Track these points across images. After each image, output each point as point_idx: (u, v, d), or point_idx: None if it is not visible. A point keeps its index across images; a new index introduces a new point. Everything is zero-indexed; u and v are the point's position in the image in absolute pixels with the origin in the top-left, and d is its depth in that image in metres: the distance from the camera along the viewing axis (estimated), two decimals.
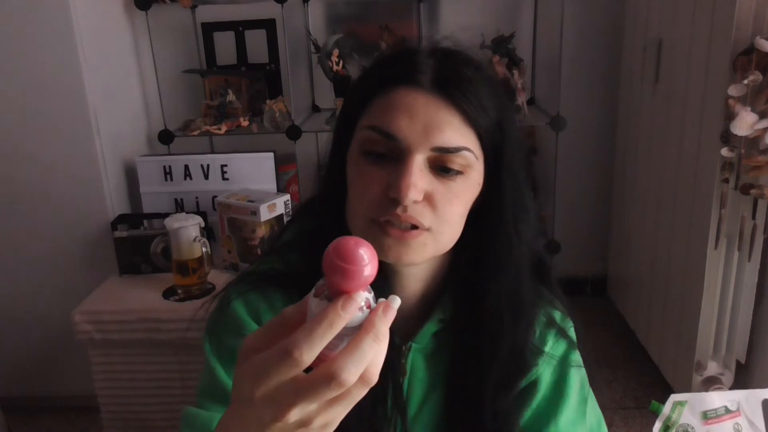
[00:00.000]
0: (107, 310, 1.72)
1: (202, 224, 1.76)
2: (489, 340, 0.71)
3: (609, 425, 0.84)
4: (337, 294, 0.43)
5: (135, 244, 1.90)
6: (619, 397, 2.12)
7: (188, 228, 1.71)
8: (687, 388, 1.86)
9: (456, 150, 0.63)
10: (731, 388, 1.82)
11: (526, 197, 0.71)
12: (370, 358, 0.42)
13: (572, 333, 0.79)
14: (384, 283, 0.71)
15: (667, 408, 0.89)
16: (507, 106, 0.69)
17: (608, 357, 2.31)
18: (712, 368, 1.83)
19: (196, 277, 1.75)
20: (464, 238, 0.69)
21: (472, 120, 0.64)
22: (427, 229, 0.64)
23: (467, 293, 0.72)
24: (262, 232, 1.78)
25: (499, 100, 0.67)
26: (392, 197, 0.62)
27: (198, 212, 1.86)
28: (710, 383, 1.83)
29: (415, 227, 0.64)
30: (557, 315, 0.78)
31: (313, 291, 0.44)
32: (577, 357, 0.78)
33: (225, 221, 1.84)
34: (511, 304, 0.71)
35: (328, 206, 0.71)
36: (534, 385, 0.75)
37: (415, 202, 0.63)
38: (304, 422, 0.42)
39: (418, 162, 0.62)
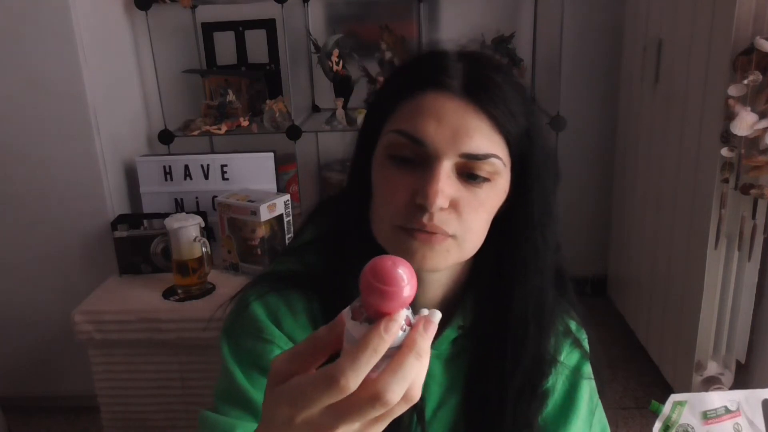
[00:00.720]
0: (107, 310, 1.72)
1: (202, 224, 1.76)
2: (513, 346, 0.70)
3: (609, 425, 0.84)
4: (376, 315, 0.41)
5: (135, 244, 1.90)
6: (619, 397, 2.12)
7: (188, 228, 1.71)
8: (687, 388, 1.86)
9: (485, 157, 0.62)
10: (731, 388, 1.82)
11: (553, 205, 0.71)
12: (413, 376, 0.41)
13: (586, 344, 0.80)
14: None
15: (667, 408, 0.89)
16: (535, 112, 0.68)
17: (608, 357, 2.30)
18: (712, 368, 1.83)
19: (196, 277, 1.75)
20: (486, 243, 0.68)
21: (501, 126, 0.63)
22: (452, 236, 0.64)
23: (489, 299, 0.71)
24: (262, 232, 1.78)
25: (527, 106, 0.66)
26: (419, 203, 0.62)
27: (198, 212, 1.85)
28: (710, 383, 1.83)
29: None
30: (573, 325, 0.78)
31: (349, 312, 0.43)
32: (588, 369, 0.78)
33: (225, 221, 1.84)
34: (536, 310, 0.70)
35: (350, 208, 0.71)
36: (547, 393, 0.74)
37: (441, 209, 0.62)
38: None
39: (446, 168, 0.62)
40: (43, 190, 1.98)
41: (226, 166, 2.07)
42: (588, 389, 0.78)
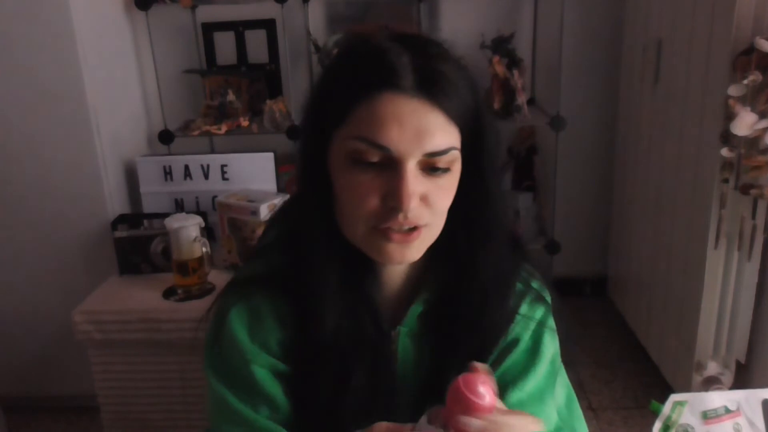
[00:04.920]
0: (107, 310, 1.72)
1: (202, 224, 1.76)
2: (473, 312, 0.73)
3: (609, 425, 0.84)
4: (450, 423, 0.50)
5: (135, 244, 1.90)
6: (619, 397, 2.12)
7: (188, 228, 1.71)
8: (687, 388, 1.86)
9: (446, 152, 0.65)
10: (731, 388, 1.82)
11: (502, 177, 0.75)
12: None
13: (548, 299, 0.82)
14: (370, 275, 0.73)
15: (667, 408, 0.90)
16: (477, 88, 0.70)
17: (608, 357, 2.32)
18: (712, 368, 1.83)
19: (197, 277, 1.75)
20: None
21: (455, 117, 0.65)
22: (425, 226, 0.67)
23: (450, 272, 0.74)
24: (262, 232, 1.78)
25: (471, 85, 0.68)
26: (392, 206, 0.64)
27: (198, 212, 1.85)
28: (710, 383, 1.83)
29: (414, 228, 0.66)
30: (535, 284, 0.81)
31: (425, 418, 0.51)
32: (552, 322, 0.80)
33: (225, 221, 1.84)
34: (494, 278, 0.74)
35: (310, 207, 0.72)
36: (513, 344, 0.77)
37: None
38: None
39: (412, 168, 0.64)
40: (43, 190, 1.98)
41: (226, 166, 2.07)
42: (552, 345, 0.79)
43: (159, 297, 1.76)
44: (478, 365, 0.56)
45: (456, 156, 0.66)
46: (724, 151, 1.58)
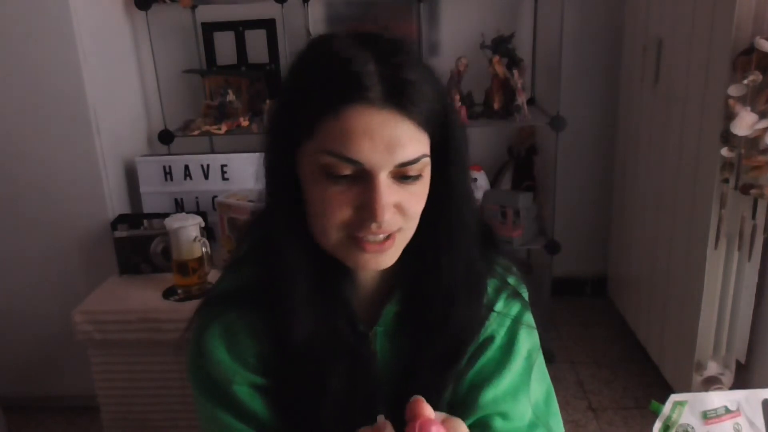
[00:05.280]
0: (107, 310, 1.72)
1: (202, 224, 1.76)
2: (439, 312, 0.74)
3: (609, 425, 0.84)
4: None
5: (135, 244, 1.90)
6: (619, 397, 2.12)
7: (188, 228, 1.71)
8: (687, 388, 1.86)
9: (416, 161, 0.65)
10: (731, 388, 1.82)
11: (469, 176, 0.75)
12: None
13: (526, 296, 0.81)
14: (345, 278, 0.73)
15: (667, 408, 0.90)
16: (443, 88, 0.69)
17: (608, 357, 2.32)
18: (712, 368, 1.83)
19: (196, 277, 1.75)
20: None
21: (424, 124, 0.65)
22: (398, 231, 0.68)
23: (423, 271, 0.74)
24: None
25: (439, 88, 0.68)
26: (365, 217, 0.64)
27: (198, 212, 1.85)
28: (710, 383, 1.83)
29: (388, 236, 0.67)
30: (512, 279, 0.81)
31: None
32: (529, 318, 0.80)
33: (225, 221, 1.84)
34: (462, 276, 0.74)
35: (280, 217, 0.71)
36: (488, 342, 0.77)
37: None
38: None
39: (384, 180, 0.64)
40: (43, 190, 1.98)
41: (226, 166, 2.07)
42: (528, 341, 0.79)
43: (159, 297, 1.76)
44: (427, 413, 0.57)
45: (426, 162, 0.67)
46: (724, 151, 1.58)
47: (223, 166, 2.07)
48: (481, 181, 2.43)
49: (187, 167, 2.09)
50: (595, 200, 2.65)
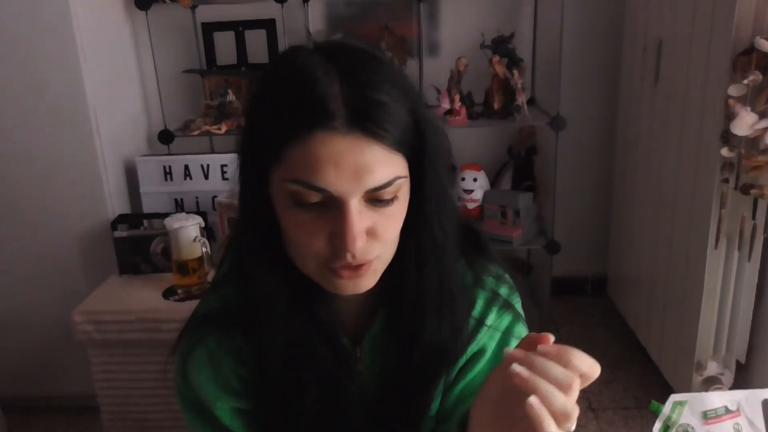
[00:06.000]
0: (107, 310, 1.72)
1: (202, 224, 1.76)
2: (413, 329, 0.72)
3: (609, 425, 0.84)
4: None
5: (135, 244, 1.90)
6: (619, 397, 2.12)
7: (188, 228, 1.71)
8: (687, 388, 1.86)
9: (389, 184, 0.62)
10: (731, 388, 1.82)
11: (447, 186, 0.71)
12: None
13: (519, 307, 0.80)
14: (326, 298, 0.71)
15: (667, 408, 0.90)
16: (416, 97, 0.65)
17: (608, 357, 2.31)
18: (712, 368, 1.83)
19: (196, 277, 1.75)
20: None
21: (396, 145, 0.61)
22: (375, 257, 0.65)
23: (406, 287, 0.72)
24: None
25: (409, 98, 0.64)
26: (338, 246, 0.62)
27: (198, 212, 1.86)
28: (710, 383, 1.83)
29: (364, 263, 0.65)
30: (503, 290, 0.78)
31: None
32: (520, 330, 0.78)
33: (225, 221, 1.84)
34: (437, 292, 0.72)
35: (256, 239, 0.70)
36: (479, 355, 0.76)
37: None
38: None
39: (354, 206, 0.61)
40: (43, 190, 1.98)
41: (226, 166, 2.07)
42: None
43: (159, 297, 1.76)
44: None
45: (402, 183, 0.63)
46: (724, 151, 1.58)
47: (223, 166, 2.07)
48: (481, 181, 2.43)
49: (187, 167, 2.09)
50: (595, 200, 2.65)
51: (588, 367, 0.57)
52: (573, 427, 0.55)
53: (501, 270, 0.80)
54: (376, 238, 0.64)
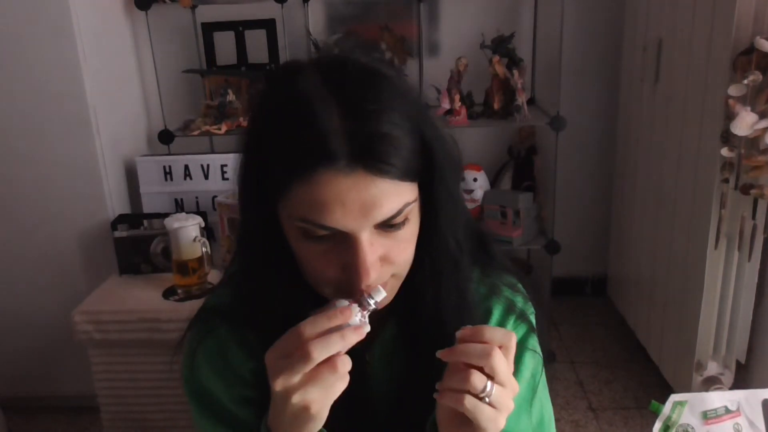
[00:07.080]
0: (107, 310, 1.72)
1: (202, 224, 1.76)
2: (432, 339, 0.70)
3: (609, 425, 0.84)
4: None
5: (135, 244, 1.90)
6: (619, 397, 2.12)
7: (188, 228, 1.71)
8: (687, 388, 1.86)
9: (398, 213, 0.61)
10: (731, 388, 1.82)
11: (457, 199, 0.70)
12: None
13: (533, 318, 0.79)
14: None
15: (667, 408, 0.89)
16: (419, 111, 0.64)
17: (608, 357, 2.32)
18: (712, 368, 1.83)
19: (196, 277, 1.75)
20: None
21: (403, 175, 0.60)
22: (391, 277, 0.66)
23: (416, 297, 0.72)
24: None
25: (411, 117, 0.62)
26: (354, 277, 0.62)
27: (198, 212, 1.86)
28: (710, 383, 1.83)
29: None
30: (519, 300, 0.78)
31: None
32: (533, 342, 0.78)
33: (225, 221, 1.84)
34: (454, 307, 0.72)
35: (267, 261, 0.69)
36: None
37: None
38: None
39: (365, 239, 0.61)
40: (43, 190, 1.98)
41: (226, 166, 2.07)
42: (531, 363, 0.78)
43: (159, 297, 1.76)
44: None
45: (412, 207, 0.63)
46: (724, 151, 1.58)
47: (223, 166, 2.07)
48: (481, 181, 2.43)
49: (187, 167, 2.09)
50: (595, 200, 2.65)
51: (502, 336, 0.61)
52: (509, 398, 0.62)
53: (514, 279, 0.80)
54: (390, 263, 0.64)
